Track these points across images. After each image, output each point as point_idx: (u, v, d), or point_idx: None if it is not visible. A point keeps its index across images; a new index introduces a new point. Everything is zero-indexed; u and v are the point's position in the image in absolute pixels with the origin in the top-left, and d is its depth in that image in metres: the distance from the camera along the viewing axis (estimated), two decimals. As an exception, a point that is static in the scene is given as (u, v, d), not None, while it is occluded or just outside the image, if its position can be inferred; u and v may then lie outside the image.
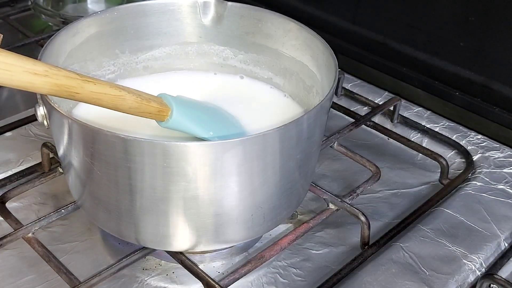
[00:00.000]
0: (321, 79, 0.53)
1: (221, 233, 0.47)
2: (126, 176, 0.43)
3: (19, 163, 0.61)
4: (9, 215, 0.53)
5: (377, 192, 0.62)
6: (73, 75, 0.40)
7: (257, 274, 0.52)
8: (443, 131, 0.69)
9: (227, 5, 0.58)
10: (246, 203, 0.46)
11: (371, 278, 0.50)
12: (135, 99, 0.43)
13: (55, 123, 0.46)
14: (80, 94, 0.40)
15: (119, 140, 0.41)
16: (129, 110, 0.44)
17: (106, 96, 0.41)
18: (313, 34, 0.54)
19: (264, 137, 0.43)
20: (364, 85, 0.76)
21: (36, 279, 0.51)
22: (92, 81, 0.41)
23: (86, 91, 0.40)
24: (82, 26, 0.54)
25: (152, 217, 0.46)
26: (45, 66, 0.38)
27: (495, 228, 0.56)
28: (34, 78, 0.37)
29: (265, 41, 0.58)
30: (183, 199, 0.44)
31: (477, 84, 0.71)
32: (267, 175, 0.45)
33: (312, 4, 0.84)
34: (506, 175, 0.62)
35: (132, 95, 0.43)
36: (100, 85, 0.41)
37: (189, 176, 0.43)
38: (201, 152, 0.42)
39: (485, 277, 0.49)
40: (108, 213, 0.47)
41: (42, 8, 0.84)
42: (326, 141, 0.62)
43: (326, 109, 0.48)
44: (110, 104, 0.42)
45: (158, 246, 0.49)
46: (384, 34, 0.78)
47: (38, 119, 0.48)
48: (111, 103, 0.42)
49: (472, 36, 0.70)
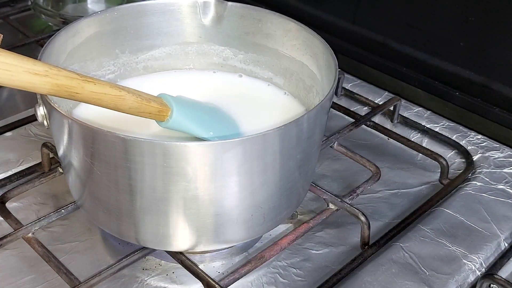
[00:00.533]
0: (321, 79, 0.53)
1: (221, 233, 0.47)
2: (126, 176, 0.43)
3: (19, 163, 0.61)
4: (9, 215, 0.53)
5: (377, 192, 0.62)
6: (73, 75, 0.40)
7: (257, 274, 0.52)
8: (443, 131, 0.69)
9: (227, 5, 0.58)
10: (246, 203, 0.46)
11: (371, 278, 0.50)
12: (135, 99, 0.43)
13: (55, 123, 0.46)
14: (80, 94, 0.40)
15: (119, 140, 0.41)
16: (129, 110, 0.44)
17: (106, 96, 0.41)
18: (313, 34, 0.54)
19: (264, 137, 0.43)
20: (364, 85, 0.76)
21: (36, 279, 0.51)
22: (92, 81, 0.41)
23: (86, 91, 0.40)
24: (82, 26, 0.54)
25: (152, 217, 0.46)
26: (45, 66, 0.38)
27: (495, 228, 0.56)
28: (34, 78, 0.37)
29: (265, 41, 0.58)
30: (183, 199, 0.44)
31: (477, 84, 0.71)
32: (267, 175, 0.45)
33: (312, 4, 0.84)
34: (506, 175, 0.62)
35: (132, 95, 0.43)
36: (100, 85, 0.41)
37: (189, 176, 0.43)
38: (201, 152, 0.42)
39: (485, 277, 0.49)
40: (108, 213, 0.47)
41: (42, 8, 0.84)
42: (326, 141, 0.62)
43: (326, 109, 0.48)
44: (110, 104, 0.42)
45: (158, 246, 0.49)
46: (384, 34, 0.78)
47: (38, 119, 0.48)
48: (111, 103, 0.42)
49: (472, 36, 0.70)
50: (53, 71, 0.38)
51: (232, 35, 0.59)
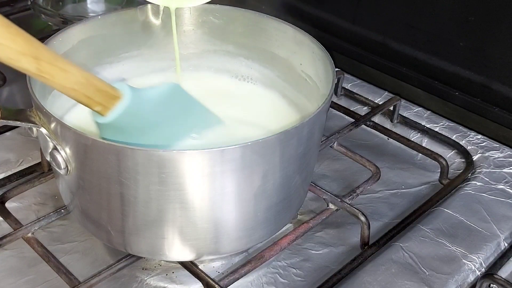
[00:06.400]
0: (318, 83, 0.53)
1: (220, 243, 0.47)
2: (118, 187, 0.43)
3: (19, 163, 0.61)
4: (8, 215, 0.53)
5: (377, 192, 0.62)
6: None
7: (257, 274, 0.52)
8: (443, 131, 0.69)
9: (218, 8, 0.57)
10: (247, 210, 0.46)
11: (371, 278, 0.50)
12: (82, 75, 0.40)
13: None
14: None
15: (112, 149, 0.41)
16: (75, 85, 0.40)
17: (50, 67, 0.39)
18: (309, 38, 0.54)
19: (264, 144, 0.42)
20: (364, 85, 0.76)
21: (36, 279, 0.51)
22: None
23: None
24: (69, 34, 0.53)
25: (146, 228, 0.45)
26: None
27: (495, 228, 0.56)
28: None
29: (261, 44, 0.58)
30: (179, 209, 0.43)
31: (477, 84, 0.71)
32: (268, 182, 0.45)
33: (312, 4, 0.84)
34: (506, 175, 0.62)
35: (80, 72, 0.40)
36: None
37: (185, 185, 0.42)
38: (199, 159, 0.41)
39: (485, 277, 0.49)
40: (99, 223, 0.47)
41: (41, 8, 0.84)
42: (326, 141, 0.62)
43: (324, 113, 0.48)
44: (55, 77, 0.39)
45: (153, 256, 0.49)
46: (384, 34, 0.78)
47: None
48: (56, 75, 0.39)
49: (472, 36, 0.70)
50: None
51: (228, 38, 0.59)
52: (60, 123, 0.42)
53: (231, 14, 0.58)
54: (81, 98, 0.41)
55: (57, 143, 0.43)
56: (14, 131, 0.65)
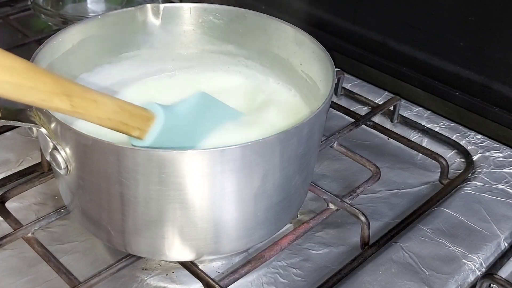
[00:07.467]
0: (318, 83, 0.53)
1: (221, 243, 0.47)
2: (118, 187, 0.42)
3: (19, 163, 0.61)
4: (8, 215, 0.53)
5: (377, 192, 0.62)
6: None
7: (257, 274, 0.52)
8: (443, 131, 0.69)
9: (218, 8, 0.57)
10: (247, 211, 0.46)
11: (371, 278, 0.50)
12: (115, 103, 0.40)
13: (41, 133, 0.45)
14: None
15: (112, 149, 0.40)
16: (108, 117, 0.40)
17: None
18: (309, 38, 0.54)
19: (263, 144, 0.42)
20: (364, 85, 0.76)
21: (36, 279, 0.51)
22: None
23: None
24: (69, 34, 0.53)
25: (146, 228, 0.45)
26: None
27: (495, 228, 0.56)
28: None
29: (261, 44, 0.58)
30: (179, 209, 0.43)
31: (477, 84, 0.71)
32: (267, 182, 0.45)
33: (312, 4, 0.84)
34: (506, 175, 0.62)
35: (112, 100, 0.40)
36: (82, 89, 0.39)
37: (186, 185, 0.42)
38: (199, 159, 0.41)
39: (485, 277, 0.49)
40: (99, 223, 0.47)
41: (42, 8, 0.84)
42: (326, 141, 0.62)
43: (324, 113, 0.48)
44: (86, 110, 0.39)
45: (153, 256, 0.49)
46: (384, 34, 0.78)
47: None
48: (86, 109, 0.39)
49: (472, 36, 0.70)
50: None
51: (229, 38, 0.59)
52: (60, 123, 0.42)
53: (231, 14, 0.58)
54: (118, 126, 0.41)
55: (57, 143, 0.43)
56: (14, 131, 0.65)
